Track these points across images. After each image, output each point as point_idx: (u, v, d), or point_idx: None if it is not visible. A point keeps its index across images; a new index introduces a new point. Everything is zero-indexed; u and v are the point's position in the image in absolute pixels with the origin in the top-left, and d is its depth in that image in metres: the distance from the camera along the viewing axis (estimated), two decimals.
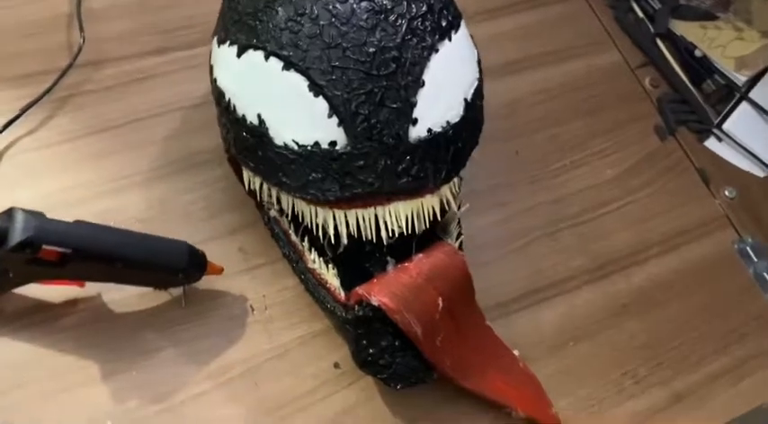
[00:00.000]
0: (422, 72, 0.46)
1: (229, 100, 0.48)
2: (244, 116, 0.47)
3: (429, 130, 0.47)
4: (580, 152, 0.69)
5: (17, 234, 0.42)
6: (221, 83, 0.48)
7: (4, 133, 0.56)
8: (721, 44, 0.75)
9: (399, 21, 0.45)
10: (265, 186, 0.50)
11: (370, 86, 0.44)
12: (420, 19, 0.46)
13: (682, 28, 0.77)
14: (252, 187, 0.51)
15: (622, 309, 0.62)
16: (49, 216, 0.46)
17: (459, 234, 0.55)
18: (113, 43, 0.63)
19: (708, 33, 0.76)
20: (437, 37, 0.47)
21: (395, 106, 0.45)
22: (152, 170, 0.59)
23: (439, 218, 0.50)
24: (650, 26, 0.77)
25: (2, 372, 0.50)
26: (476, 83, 0.50)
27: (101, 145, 0.59)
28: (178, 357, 0.53)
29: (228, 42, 0.47)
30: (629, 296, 0.62)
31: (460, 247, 0.56)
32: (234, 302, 0.55)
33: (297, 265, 0.54)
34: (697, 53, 0.74)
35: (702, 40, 0.76)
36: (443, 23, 0.47)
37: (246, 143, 0.48)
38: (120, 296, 0.53)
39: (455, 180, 0.51)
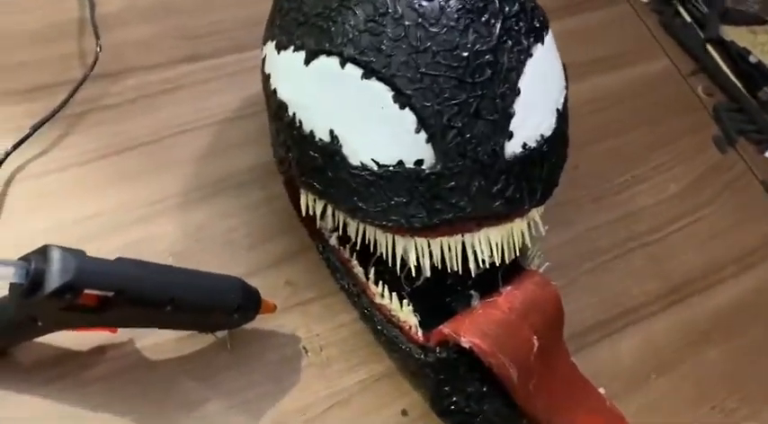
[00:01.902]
0: (518, 78, 0.40)
1: (294, 114, 0.41)
2: (312, 132, 0.40)
3: (524, 145, 0.41)
4: (641, 165, 0.64)
5: (55, 278, 0.35)
6: (283, 94, 0.42)
7: (13, 155, 0.49)
8: None
9: (492, 20, 0.39)
10: (329, 211, 0.44)
11: (465, 96, 0.38)
12: (514, 19, 0.40)
13: (731, 33, 0.73)
14: (311, 212, 0.45)
15: (702, 336, 0.57)
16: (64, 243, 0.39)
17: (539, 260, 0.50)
18: (133, 51, 0.56)
19: (758, 38, 0.73)
20: (532, 39, 0.41)
21: (491, 118, 0.39)
22: (185, 193, 0.52)
23: (528, 244, 0.44)
24: (699, 31, 0.73)
25: None
26: (565, 91, 0.45)
27: (125, 167, 0.52)
28: (226, 410, 0.46)
29: (293, 47, 0.41)
30: (707, 322, 0.57)
31: None
32: (285, 343, 0.49)
33: (358, 300, 0.48)
34: (752, 59, 0.70)
35: (754, 46, 0.72)
36: (536, 24, 0.42)
37: (314, 163, 0.41)
38: (155, 341, 0.46)
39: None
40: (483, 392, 0.43)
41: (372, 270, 0.46)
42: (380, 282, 0.46)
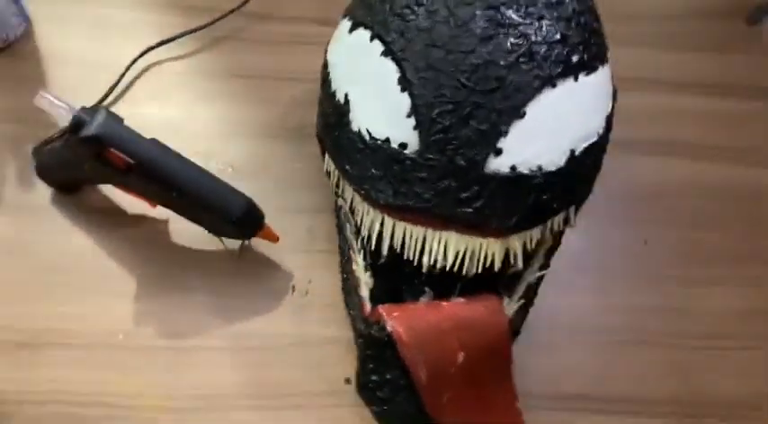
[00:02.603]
0: (525, 102, 0.40)
1: (329, 73, 0.46)
2: (335, 91, 0.45)
3: (513, 168, 0.41)
4: (718, 268, 0.57)
5: (90, 128, 0.44)
6: (329, 54, 0.47)
7: (155, 51, 0.60)
8: None
9: (521, 40, 0.40)
10: (332, 168, 0.48)
11: (461, 98, 0.40)
12: (546, 46, 0.41)
13: None
14: (328, 168, 0.49)
15: None
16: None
17: (525, 300, 0.49)
18: (283, 2, 0.65)
19: None
20: (560, 71, 0.41)
21: (481, 128, 0.40)
22: (266, 128, 0.60)
23: (496, 268, 0.44)
24: None
25: (59, 257, 0.53)
26: (593, 139, 0.44)
27: (232, 90, 0.61)
28: (207, 306, 0.52)
29: (348, 16, 0.46)
30: None
31: (523, 314, 0.50)
32: (280, 277, 0.54)
33: (343, 262, 0.51)
34: None
35: None
36: (574, 59, 0.41)
37: (329, 120, 0.46)
38: (185, 229, 0.53)
39: (532, 236, 0.45)
40: (400, 383, 0.45)
41: (359, 239, 0.49)
42: (361, 251, 0.49)
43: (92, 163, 0.47)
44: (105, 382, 0.49)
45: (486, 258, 0.43)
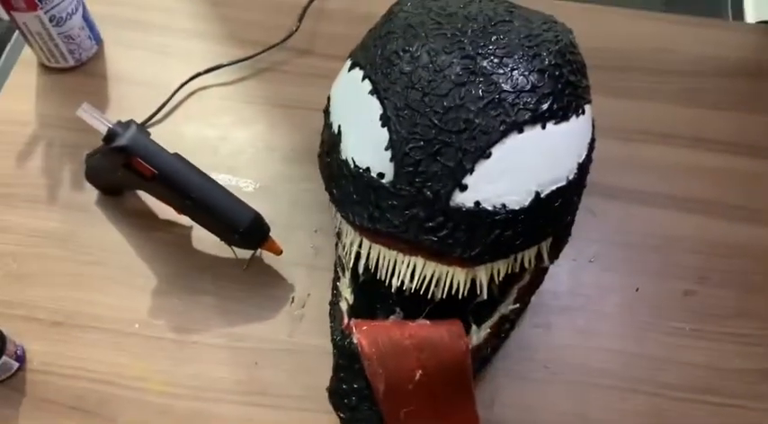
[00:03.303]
0: (491, 144, 0.44)
1: (329, 105, 0.52)
2: (331, 123, 0.50)
3: (477, 203, 0.44)
4: (713, 324, 0.58)
5: (120, 140, 0.51)
6: (332, 89, 0.52)
7: (203, 76, 0.68)
8: None
9: (491, 87, 0.44)
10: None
11: (431, 136, 0.44)
12: (515, 94, 0.44)
13: None
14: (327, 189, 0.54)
15: None
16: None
17: (499, 331, 0.52)
18: (323, 40, 0.72)
19: None
20: (527, 118, 0.44)
21: (447, 164, 0.44)
22: (292, 152, 0.66)
23: (460, 295, 0.47)
24: None
25: (97, 251, 0.60)
26: (561, 184, 0.46)
27: (267, 117, 0.68)
28: (213, 307, 0.58)
29: (351, 57, 0.51)
30: None
31: (495, 343, 0.52)
32: (282, 288, 0.59)
33: (333, 278, 0.56)
34: None
35: None
36: (543, 108, 0.45)
37: (325, 147, 0.51)
38: (205, 237, 0.60)
39: (499, 269, 0.48)
40: (365, 393, 0.48)
41: (345, 258, 0.53)
42: (346, 270, 0.53)
43: (123, 170, 0.54)
44: (118, 364, 0.56)
45: (449, 284, 0.47)
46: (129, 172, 0.53)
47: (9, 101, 0.68)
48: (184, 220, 0.59)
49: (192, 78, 0.68)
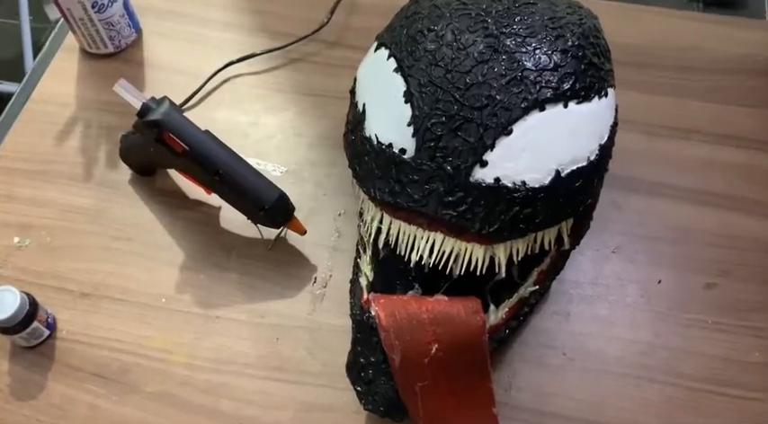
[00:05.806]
0: (512, 120, 0.45)
1: (355, 84, 0.53)
2: (357, 101, 0.51)
3: (497, 179, 0.45)
4: (732, 317, 0.57)
5: (153, 114, 0.53)
6: (359, 69, 0.54)
7: (236, 65, 0.70)
8: None
9: (513, 65, 0.45)
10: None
11: (453, 112, 0.45)
12: (538, 72, 0.45)
13: None
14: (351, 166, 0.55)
15: None
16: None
17: (515, 315, 0.52)
18: (352, 33, 0.73)
19: None
20: (548, 96, 0.45)
21: (468, 140, 0.45)
22: (320, 138, 0.67)
23: (479, 272, 0.48)
24: None
25: (127, 227, 0.62)
26: (581, 164, 0.47)
27: (297, 105, 0.69)
28: (237, 284, 0.60)
29: (378, 38, 0.53)
30: None
31: (508, 326, 0.52)
32: (306, 267, 0.60)
33: (355, 256, 0.56)
34: None
35: None
36: (565, 87, 0.45)
37: (350, 125, 0.52)
38: (232, 217, 0.61)
39: (518, 248, 0.48)
40: (383, 368, 0.49)
41: (368, 235, 0.54)
42: (367, 247, 0.54)
43: (155, 146, 0.56)
44: (144, 336, 0.57)
45: (470, 261, 0.47)
46: (161, 147, 0.55)
47: (52, 83, 0.71)
48: (213, 201, 0.61)
49: (225, 66, 0.70)
